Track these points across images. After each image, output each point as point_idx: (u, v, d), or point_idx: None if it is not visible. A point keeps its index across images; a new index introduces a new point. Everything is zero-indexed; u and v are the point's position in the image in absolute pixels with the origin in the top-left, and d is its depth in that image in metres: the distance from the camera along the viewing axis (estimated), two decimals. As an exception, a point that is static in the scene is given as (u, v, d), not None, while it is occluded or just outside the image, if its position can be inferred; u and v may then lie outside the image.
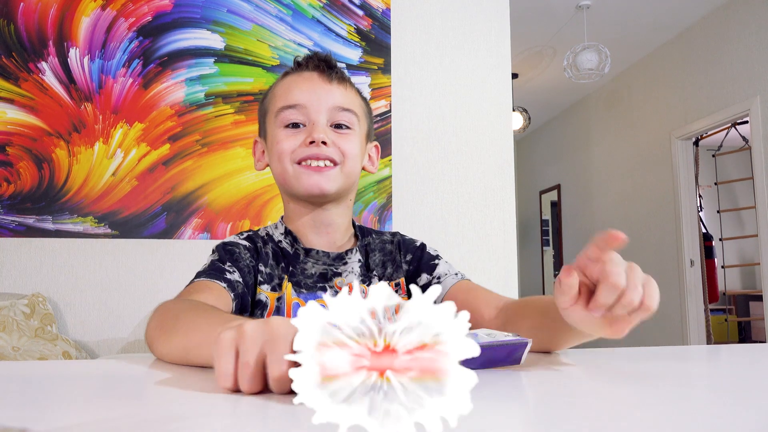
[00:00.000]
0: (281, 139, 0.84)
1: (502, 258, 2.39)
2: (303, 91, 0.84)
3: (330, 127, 0.85)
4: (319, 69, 0.87)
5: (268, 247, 0.87)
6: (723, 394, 0.44)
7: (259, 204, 2.23)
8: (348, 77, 0.90)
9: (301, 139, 0.83)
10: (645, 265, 2.37)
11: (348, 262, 0.88)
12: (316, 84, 0.85)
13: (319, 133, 0.82)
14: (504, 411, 0.37)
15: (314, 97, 0.84)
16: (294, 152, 0.83)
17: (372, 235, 0.95)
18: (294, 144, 0.83)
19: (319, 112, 0.84)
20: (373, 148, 0.96)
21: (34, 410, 0.38)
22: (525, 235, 7.33)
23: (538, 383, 0.49)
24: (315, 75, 0.86)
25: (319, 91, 0.85)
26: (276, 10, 2.31)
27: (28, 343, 1.74)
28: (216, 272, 0.79)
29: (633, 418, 0.35)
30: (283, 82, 0.88)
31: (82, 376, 0.54)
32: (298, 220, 0.89)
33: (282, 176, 0.85)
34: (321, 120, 0.84)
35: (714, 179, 5.49)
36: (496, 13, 2.51)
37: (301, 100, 0.84)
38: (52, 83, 2.13)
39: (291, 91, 0.85)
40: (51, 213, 2.09)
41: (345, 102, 0.86)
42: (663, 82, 4.45)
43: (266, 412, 0.37)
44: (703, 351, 0.89)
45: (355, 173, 0.88)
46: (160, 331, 0.64)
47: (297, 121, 0.84)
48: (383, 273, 0.90)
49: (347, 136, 0.86)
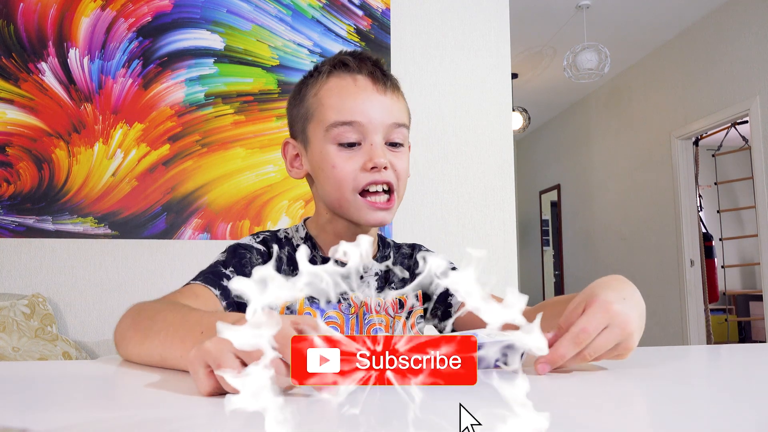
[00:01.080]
0: (337, 162, 0.76)
1: (502, 258, 2.39)
2: (359, 104, 0.76)
3: (386, 145, 0.78)
4: (374, 76, 0.79)
5: (284, 251, 0.83)
6: (723, 394, 0.44)
7: (259, 204, 2.23)
8: (398, 83, 0.83)
9: (360, 162, 0.76)
10: (645, 265, 2.38)
11: (364, 276, 0.85)
12: (372, 96, 0.77)
13: (380, 158, 0.75)
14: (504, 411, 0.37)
15: (372, 113, 0.76)
16: (355, 180, 0.76)
17: (391, 247, 0.92)
18: (352, 168, 0.76)
19: (377, 130, 0.77)
20: None
21: (34, 410, 0.38)
22: (525, 235, 7.33)
23: (537, 383, 0.49)
24: (369, 84, 0.78)
25: (376, 106, 0.77)
26: (276, 11, 2.31)
27: (28, 343, 1.74)
28: (213, 276, 0.76)
29: (633, 417, 0.35)
30: (332, 87, 0.79)
31: (82, 376, 0.54)
32: (332, 232, 0.84)
33: (339, 202, 0.79)
34: (378, 140, 0.77)
35: (714, 179, 5.49)
36: (496, 13, 2.51)
37: (357, 117, 0.76)
38: (51, 84, 2.13)
39: (344, 103, 0.77)
40: (51, 213, 2.09)
41: (399, 117, 0.80)
42: (663, 82, 4.45)
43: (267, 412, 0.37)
44: (703, 351, 0.89)
45: (405, 189, 0.84)
46: (134, 331, 0.62)
47: (353, 140, 0.77)
48: (403, 287, 0.86)
49: (401, 155, 0.80)
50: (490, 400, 0.28)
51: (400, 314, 0.85)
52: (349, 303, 0.81)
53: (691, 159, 4.28)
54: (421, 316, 0.89)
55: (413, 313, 0.87)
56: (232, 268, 0.78)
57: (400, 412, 0.34)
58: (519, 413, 0.25)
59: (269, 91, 2.28)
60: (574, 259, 6.02)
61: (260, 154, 2.25)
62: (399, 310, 0.85)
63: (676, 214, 4.25)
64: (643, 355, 0.67)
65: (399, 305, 0.85)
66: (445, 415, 0.35)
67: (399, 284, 0.87)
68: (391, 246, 0.93)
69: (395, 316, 0.85)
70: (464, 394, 0.45)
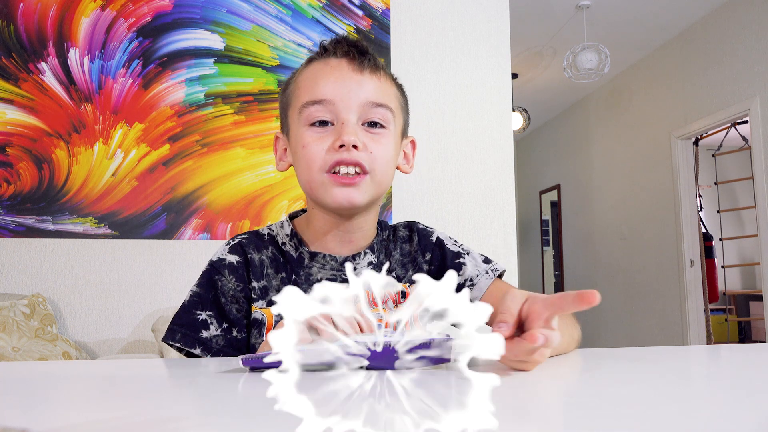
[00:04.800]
0: (307, 141, 0.74)
1: (502, 258, 2.39)
2: (330, 83, 0.74)
3: (362, 125, 0.74)
4: (349, 56, 0.75)
5: (265, 252, 0.80)
6: (723, 394, 0.44)
7: (259, 204, 2.23)
8: (382, 64, 0.79)
9: (329, 142, 0.73)
10: (645, 265, 2.38)
11: (357, 267, 0.80)
12: (346, 74, 0.74)
13: (349, 136, 0.71)
14: (503, 411, 0.37)
15: (344, 91, 0.73)
16: (323, 159, 0.73)
17: (388, 231, 0.87)
18: (321, 148, 0.73)
19: (350, 109, 0.73)
20: (409, 145, 0.85)
21: (35, 410, 0.38)
22: (525, 235, 7.33)
23: (537, 383, 0.49)
24: (344, 63, 0.75)
25: (349, 84, 0.74)
26: (276, 11, 2.31)
27: (28, 343, 1.74)
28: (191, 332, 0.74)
29: (633, 418, 0.35)
30: (308, 70, 0.77)
31: (82, 376, 0.54)
32: (321, 230, 0.80)
33: (309, 184, 0.76)
34: (351, 118, 0.73)
35: (714, 179, 5.49)
36: (496, 13, 2.51)
37: (328, 95, 0.73)
38: (51, 84, 2.13)
39: (317, 83, 0.74)
40: (51, 213, 2.09)
41: (379, 96, 0.75)
42: (663, 82, 4.45)
43: (267, 412, 0.37)
44: (703, 351, 0.89)
45: (388, 179, 0.78)
46: None
47: (324, 119, 0.74)
48: (404, 275, 0.84)
49: (380, 137, 0.75)
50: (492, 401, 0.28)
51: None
52: None
53: (691, 159, 4.29)
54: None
55: None
56: (209, 311, 0.76)
57: (400, 414, 0.34)
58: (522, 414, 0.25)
59: (269, 91, 2.28)
60: (574, 259, 6.02)
61: (260, 154, 2.25)
62: (402, 300, 0.84)
63: (676, 214, 4.25)
64: (643, 355, 0.67)
65: (402, 295, 0.82)
66: (446, 415, 0.35)
67: (400, 272, 0.84)
68: (388, 230, 0.88)
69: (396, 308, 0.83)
70: (466, 393, 0.45)
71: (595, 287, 2.43)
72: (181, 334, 0.74)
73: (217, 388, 0.44)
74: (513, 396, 0.43)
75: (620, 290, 4.96)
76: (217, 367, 0.55)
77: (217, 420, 0.36)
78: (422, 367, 0.54)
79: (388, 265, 0.83)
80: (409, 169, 0.85)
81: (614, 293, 5.05)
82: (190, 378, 0.52)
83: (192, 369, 0.57)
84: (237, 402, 0.40)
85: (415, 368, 0.53)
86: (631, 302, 4.80)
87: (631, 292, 4.81)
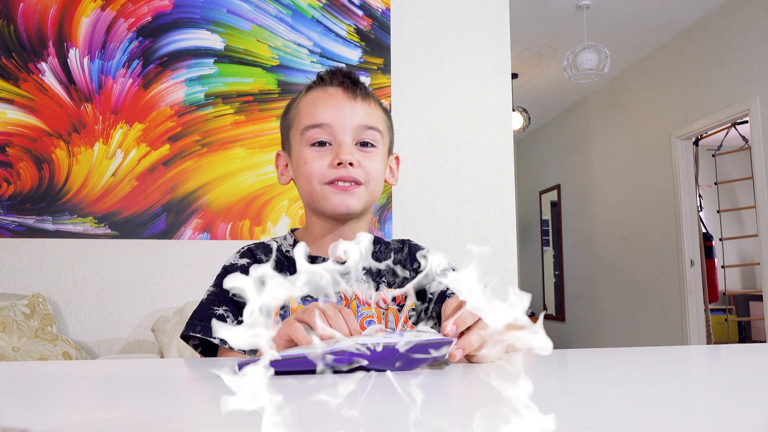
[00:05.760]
0: (309, 159, 0.86)
1: (502, 258, 2.39)
2: (328, 110, 0.86)
3: (355, 145, 0.87)
4: (344, 85, 0.88)
5: (271, 256, 0.90)
6: (723, 394, 0.44)
7: (259, 204, 2.23)
8: (371, 92, 0.92)
9: (329, 160, 0.85)
10: (645, 265, 2.38)
11: (350, 271, 0.87)
12: (341, 102, 0.87)
13: (346, 155, 0.84)
14: (503, 411, 0.37)
15: (340, 116, 0.86)
16: (323, 174, 0.85)
17: (381, 244, 0.97)
18: (322, 165, 0.85)
19: (345, 131, 0.86)
20: (393, 161, 0.98)
21: (35, 410, 0.38)
22: (525, 235, 7.33)
23: (536, 383, 0.49)
24: (339, 92, 0.88)
25: (344, 110, 0.86)
26: (276, 11, 2.31)
27: (28, 343, 1.74)
28: (210, 324, 0.80)
29: (633, 417, 0.35)
30: (308, 98, 0.90)
31: (82, 376, 0.54)
32: (319, 235, 0.91)
33: (310, 195, 0.87)
34: (347, 140, 0.86)
35: (714, 179, 5.49)
36: (496, 13, 2.51)
37: (326, 119, 0.86)
38: (51, 84, 2.13)
39: (316, 109, 0.87)
40: (51, 213, 2.09)
41: (369, 120, 0.88)
42: (663, 82, 4.45)
43: (267, 412, 0.37)
44: (703, 351, 0.89)
45: (378, 190, 0.91)
46: None
47: (323, 139, 0.86)
48: (393, 281, 0.91)
49: (371, 155, 0.88)
50: (489, 400, 0.28)
51: (393, 307, 0.87)
52: (340, 296, 0.85)
53: (691, 159, 4.29)
54: (413, 309, 0.90)
55: (405, 307, 0.89)
56: (226, 307, 0.83)
57: (400, 415, 0.34)
58: (524, 414, 0.25)
59: (269, 91, 2.28)
60: (574, 259, 6.02)
61: (260, 154, 2.25)
62: (391, 303, 0.88)
63: (676, 214, 4.25)
64: (643, 355, 0.67)
65: (391, 298, 0.89)
66: (445, 416, 0.35)
67: (390, 278, 0.91)
68: (380, 243, 0.97)
69: (387, 308, 0.87)
70: (466, 394, 0.45)
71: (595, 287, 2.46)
72: (201, 327, 0.81)
73: (217, 389, 0.44)
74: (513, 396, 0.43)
75: (620, 290, 4.96)
76: (217, 367, 0.55)
77: (217, 420, 0.36)
78: (422, 367, 0.54)
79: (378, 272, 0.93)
80: (394, 181, 0.98)
81: (614, 293, 5.05)
82: (190, 378, 0.52)
83: (192, 369, 0.57)
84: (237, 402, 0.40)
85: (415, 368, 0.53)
86: (631, 302, 4.80)
87: (631, 292, 4.81)
